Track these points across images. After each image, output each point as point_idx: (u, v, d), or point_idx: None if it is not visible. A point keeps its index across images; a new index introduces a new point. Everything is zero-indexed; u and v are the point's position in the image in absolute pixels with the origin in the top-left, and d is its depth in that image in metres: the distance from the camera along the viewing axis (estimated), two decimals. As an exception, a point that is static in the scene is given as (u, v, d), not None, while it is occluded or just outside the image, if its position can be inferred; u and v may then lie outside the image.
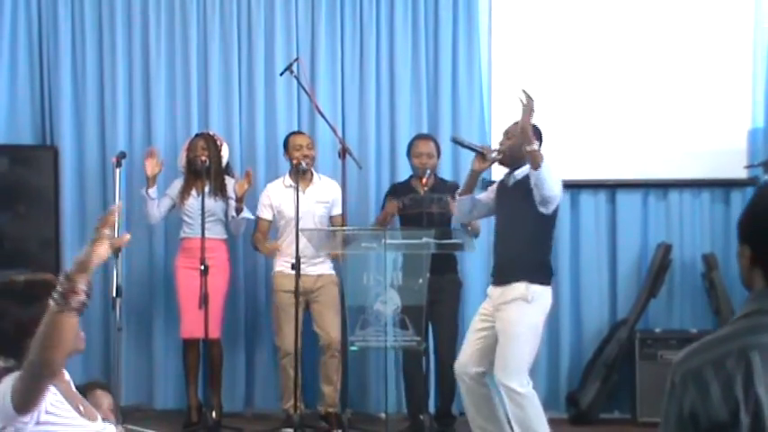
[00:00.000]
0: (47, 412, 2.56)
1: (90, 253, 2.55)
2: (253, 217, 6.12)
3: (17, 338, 2.60)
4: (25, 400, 2.47)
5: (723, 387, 1.67)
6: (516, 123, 4.89)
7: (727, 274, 6.20)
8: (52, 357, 2.41)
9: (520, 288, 4.78)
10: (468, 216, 5.28)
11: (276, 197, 6.07)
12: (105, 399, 2.83)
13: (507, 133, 5.06)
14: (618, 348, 6.21)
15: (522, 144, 4.71)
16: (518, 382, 4.73)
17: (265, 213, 6.11)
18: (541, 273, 4.85)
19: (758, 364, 1.66)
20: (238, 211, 5.95)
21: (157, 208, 6.09)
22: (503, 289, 4.86)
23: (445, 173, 6.34)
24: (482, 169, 5.08)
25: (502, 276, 4.91)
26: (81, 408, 2.73)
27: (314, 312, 6.00)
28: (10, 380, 2.53)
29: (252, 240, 6.18)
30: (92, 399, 3.01)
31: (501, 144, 5.08)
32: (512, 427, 4.80)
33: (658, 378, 5.44)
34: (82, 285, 2.44)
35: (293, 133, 6.22)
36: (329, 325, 5.94)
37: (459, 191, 5.18)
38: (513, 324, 4.78)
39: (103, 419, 2.86)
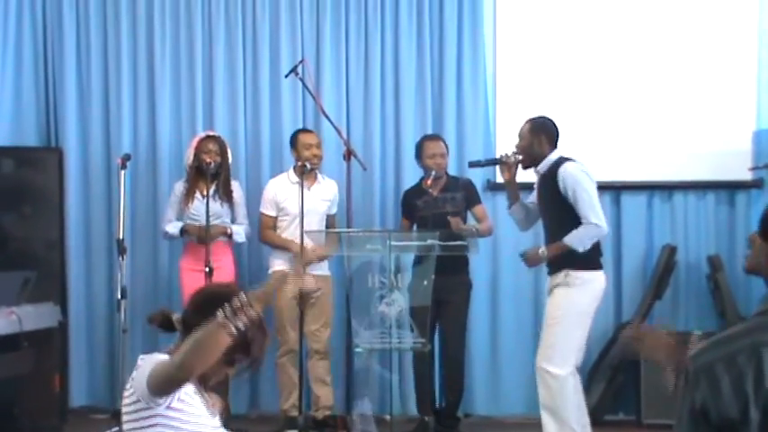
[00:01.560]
0: (179, 400, 2.60)
1: (272, 291, 2.56)
2: (244, 240, 6.13)
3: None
4: (158, 388, 2.52)
5: (734, 383, 1.68)
6: (526, 123, 5.09)
7: (732, 276, 6.20)
8: (194, 365, 2.44)
9: (560, 276, 4.90)
10: (526, 222, 5.33)
11: (281, 193, 6.04)
12: (218, 401, 2.84)
13: (520, 136, 5.13)
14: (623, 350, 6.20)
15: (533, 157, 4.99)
16: (553, 364, 4.76)
17: (270, 210, 6.10)
18: (584, 259, 4.87)
19: None
20: (228, 233, 5.98)
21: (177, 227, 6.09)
22: (551, 278, 5.00)
23: (450, 173, 6.35)
24: (511, 176, 5.15)
25: (549, 267, 5.03)
26: (209, 401, 2.76)
27: (307, 315, 5.94)
28: (154, 359, 2.60)
29: (261, 237, 6.17)
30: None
31: (516, 147, 5.13)
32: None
33: (663, 380, 5.43)
34: (254, 312, 2.40)
35: (302, 131, 6.22)
36: (320, 328, 5.93)
37: (507, 205, 5.29)
38: (554, 308, 4.89)
39: None
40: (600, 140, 6.50)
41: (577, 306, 4.85)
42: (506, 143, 6.46)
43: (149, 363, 2.60)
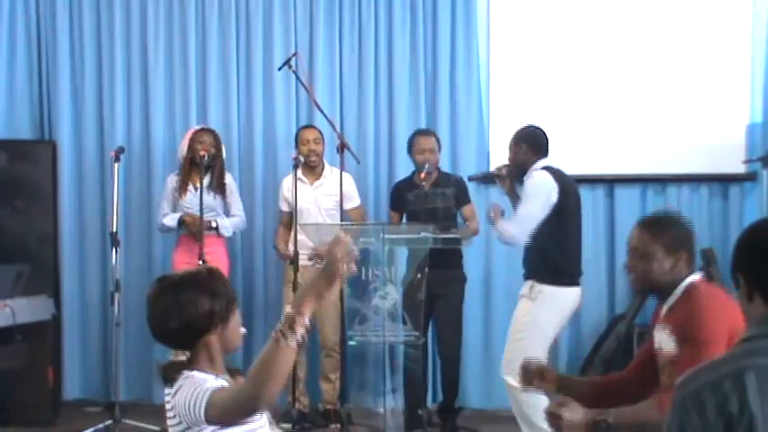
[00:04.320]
0: None
1: (324, 286, 2.34)
2: (231, 234, 6.12)
3: (201, 331, 2.57)
4: (222, 420, 2.45)
5: (719, 407, 1.70)
6: (514, 135, 5.08)
7: (725, 269, 6.20)
8: (269, 392, 2.32)
9: (527, 286, 4.88)
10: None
11: (287, 189, 6.07)
12: None
13: (509, 148, 5.12)
14: (616, 343, 6.21)
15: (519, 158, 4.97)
16: (514, 376, 4.74)
17: (284, 206, 6.13)
18: (549, 273, 4.84)
19: (753, 384, 1.70)
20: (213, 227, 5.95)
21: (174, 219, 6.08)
22: (524, 284, 4.98)
23: (443, 167, 6.35)
24: (509, 189, 5.12)
25: (524, 271, 5.01)
26: None
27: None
28: (203, 386, 2.49)
29: (273, 235, 6.22)
30: None
31: (508, 159, 5.13)
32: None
33: None
34: (306, 319, 2.30)
35: (303, 127, 6.24)
36: (327, 325, 5.94)
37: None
38: (515, 320, 4.88)
39: None
40: (594, 133, 6.50)
41: (537, 321, 4.82)
42: (499, 135, 6.50)
43: (198, 392, 2.47)
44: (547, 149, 5.03)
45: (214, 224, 5.95)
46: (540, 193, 4.83)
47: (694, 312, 2.95)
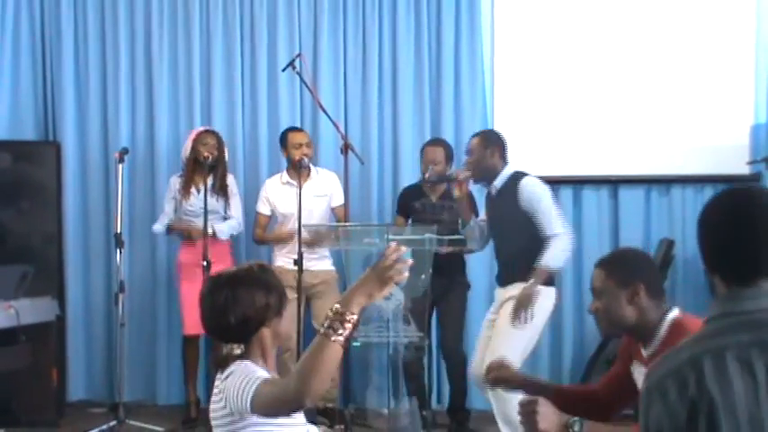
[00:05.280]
0: None
1: (375, 288, 2.38)
2: (227, 237, 6.10)
3: (257, 324, 2.65)
4: (267, 412, 2.49)
5: (680, 392, 1.70)
6: (474, 137, 5.11)
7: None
8: (315, 387, 2.32)
9: (517, 288, 4.87)
10: (482, 240, 5.33)
11: (272, 194, 6.08)
12: None
13: (468, 151, 5.13)
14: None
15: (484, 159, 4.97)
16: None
17: (263, 208, 6.13)
18: (527, 272, 4.83)
19: (710, 367, 1.69)
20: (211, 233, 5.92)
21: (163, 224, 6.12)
22: (503, 290, 5.00)
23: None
24: (463, 194, 5.13)
25: (501, 279, 5.09)
26: None
27: (314, 308, 6.00)
28: (253, 375, 2.53)
29: (253, 236, 6.20)
30: None
31: (466, 162, 5.13)
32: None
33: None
34: (354, 316, 2.33)
35: (290, 129, 6.21)
36: None
37: (460, 225, 5.26)
38: (506, 321, 4.86)
39: None
40: (598, 134, 6.50)
41: (533, 321, 4.84)
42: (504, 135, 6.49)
43: (248, 379, 2.51)
44: (507, 156, 5.11)
45: (211, 230, 5.94)
46: (546, 192, 4.90)
47: None
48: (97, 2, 6.71)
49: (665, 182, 6.50)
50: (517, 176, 4.96)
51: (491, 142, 5.04)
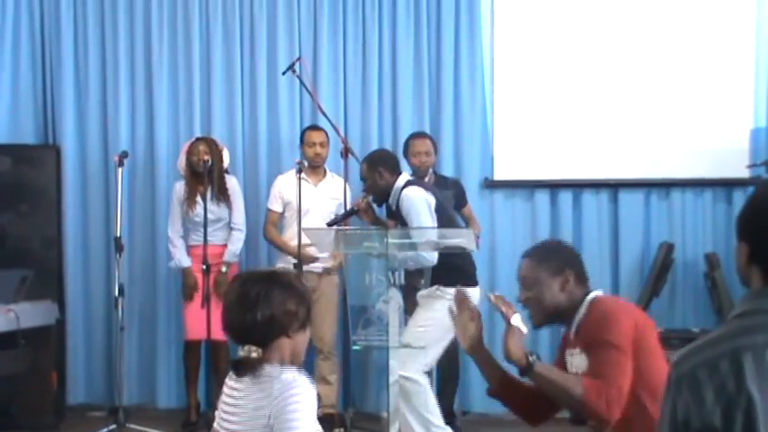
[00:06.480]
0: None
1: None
2: (237, 256, 6.11)
3: (281, 329, 2.61)
4: None
5: (716, 389, 1.66)
6: (363, 162, 5.17)
7: (729, 274, 6.19)
8: None
9: (431, 290, 5.00)
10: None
11: (286, 188, 6.06)
12: None
13: (362, 178, 5.18)
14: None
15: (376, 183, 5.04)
16: (410, 369, 4.85)
17: (276, 205, 6.13)
18: (454, 274, 4.83)
19: (750, 364, 1.65)
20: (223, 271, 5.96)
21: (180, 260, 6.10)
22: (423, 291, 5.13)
23: (446, 171, 6.37)
24: (373, 219, 5.22)
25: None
26: None
27: (313, 313, 5.94)
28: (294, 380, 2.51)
29: (264, 233, 6.20)
30: None
31: (364, 189, 5.20)
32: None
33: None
34: None
35: (309, 127, 6.25)
36: (324, 328, 5.94)
37: None
38: (422, 318, 5.03)
39: None
40: (598, 138, 6.50)
41: (445, 320, 4.85)
42: (503, 139, 6.51)
43: (303, 414, 2.48)
44: (399, 166, 5.17)
45: (224, 269, 5.95)
46: (421, 204, 4.90)
47: (599, 319, 2.96)
48: (97, 6, 6.71)
49: (665, 185, 6.51)
50: (403, 188, 5.00)
51: (376, 163, 5.09)
